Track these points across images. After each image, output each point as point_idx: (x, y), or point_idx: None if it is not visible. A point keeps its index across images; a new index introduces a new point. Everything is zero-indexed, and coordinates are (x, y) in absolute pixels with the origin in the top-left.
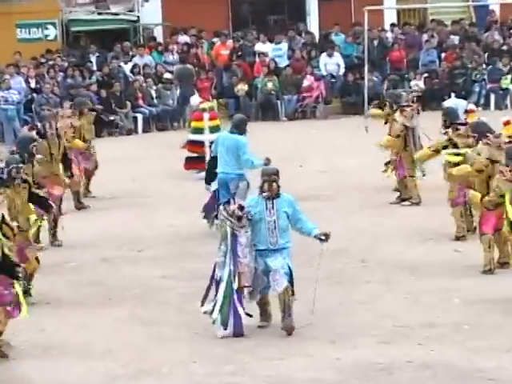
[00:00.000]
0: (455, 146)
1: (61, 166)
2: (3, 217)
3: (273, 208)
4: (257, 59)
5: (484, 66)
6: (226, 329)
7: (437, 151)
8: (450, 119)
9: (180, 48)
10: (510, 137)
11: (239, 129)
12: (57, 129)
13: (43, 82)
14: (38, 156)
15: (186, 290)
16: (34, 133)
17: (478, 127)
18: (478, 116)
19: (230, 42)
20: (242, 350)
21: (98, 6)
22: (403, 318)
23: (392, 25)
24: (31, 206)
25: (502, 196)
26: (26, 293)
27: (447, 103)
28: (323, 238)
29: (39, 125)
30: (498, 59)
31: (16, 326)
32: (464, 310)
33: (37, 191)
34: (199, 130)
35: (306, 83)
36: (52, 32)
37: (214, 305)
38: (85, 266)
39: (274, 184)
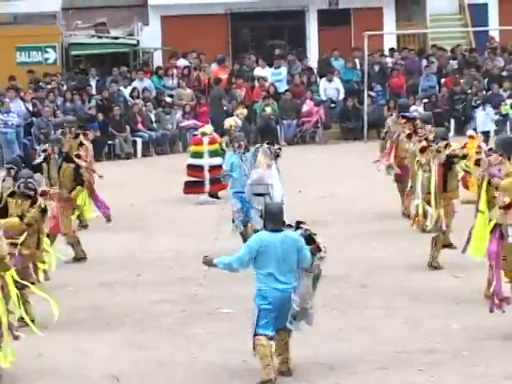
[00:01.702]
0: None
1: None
2: None
3: None
4: (256, 84)
5: (484, 91)
6: None
7: None
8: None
9: (180, 72)
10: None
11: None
12: (66, 152)
13: (42, 105)
14: None
15: (184, 314)
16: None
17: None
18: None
19: (227, 66)
20: (241, 374)
21: (97, 29)
22: (402, 343)
23: (391, 49)
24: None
25: None
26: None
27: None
28: None
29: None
30: (497, 85)
31: (13, 351)
32: (464, 336)
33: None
34: (199, 155)
35: (305, 108)
36: (52, 55)
37: None
38: (83, 290)
39: None
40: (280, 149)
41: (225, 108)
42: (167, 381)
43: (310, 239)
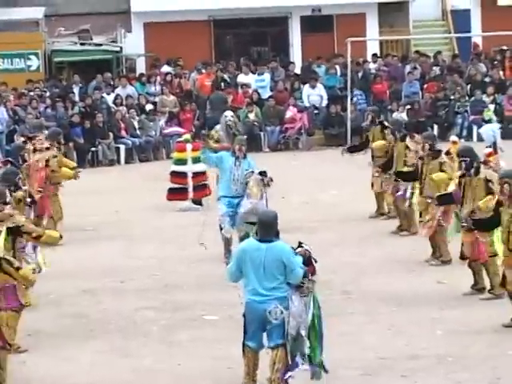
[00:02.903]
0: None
1: None
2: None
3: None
4: (239, 90)
5: (467, 97)
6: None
7: None
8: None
9: (162, 78)
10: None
11: None
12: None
13: (25, 112)
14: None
15: (169, 321)
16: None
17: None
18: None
19: (212, 73)
20: (226, 382)
21: (80, 36)
22: (386, 349)
23: (374, 55)
24: None
25: None
26: None
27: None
28: None
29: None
30: (480, 91)
31: None
32: (448, 342)
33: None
34: (182, 161)
35: (288, 114)
36: (35, 62)
37: None
38: (66, 297)
39: None
40: (272, 179)
41: None
42: None
43: (308, 261)
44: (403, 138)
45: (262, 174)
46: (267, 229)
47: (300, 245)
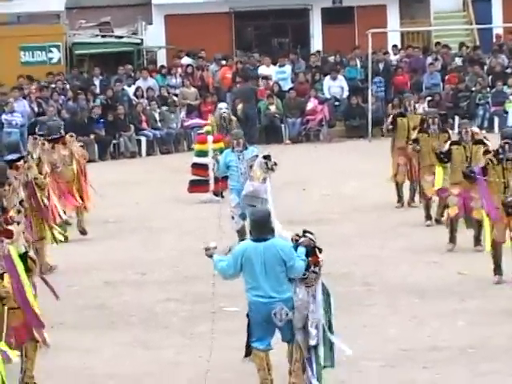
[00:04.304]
0: None
1: None
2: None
3: None
4: (260, 82)
5: (488, 89)
6: None
7: None
8: None
9: (184, 70)
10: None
11: None
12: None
13: (47, 105)
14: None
15: (190, 313)
16: None
17: None
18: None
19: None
20: (249, 374)
21: (101, 29)
22: (408, 341)
23: (394, 46)
24: None
25: None
26: None
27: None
28: None
29: None
30: (501, 82)
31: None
32: (469, 333)
33: None
34: (203, 153)
35: (309, 106)
36: (56, 55)
37: None
38: (88, 289)
39: None
40: (276, 164)
41: None
42: (172, 380)
43: (312, 251)
44: (445, 129)
45: (267, 157)
46: (260, 227)
47: (304, 234)
